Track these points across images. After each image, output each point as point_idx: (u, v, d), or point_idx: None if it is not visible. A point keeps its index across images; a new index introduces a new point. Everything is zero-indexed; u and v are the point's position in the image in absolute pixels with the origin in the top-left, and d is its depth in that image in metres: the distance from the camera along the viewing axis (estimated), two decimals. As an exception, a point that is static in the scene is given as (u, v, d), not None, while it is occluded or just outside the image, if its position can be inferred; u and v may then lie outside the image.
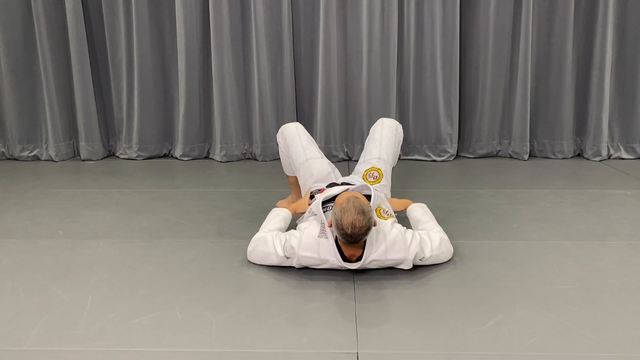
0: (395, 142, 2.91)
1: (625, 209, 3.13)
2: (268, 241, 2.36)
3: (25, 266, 2.46)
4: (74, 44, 4.23)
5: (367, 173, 2.76)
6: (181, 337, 1.89)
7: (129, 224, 2.98)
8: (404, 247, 2.27)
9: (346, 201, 2.16)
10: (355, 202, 2.15)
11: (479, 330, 1.91)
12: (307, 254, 2.27)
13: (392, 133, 2.91)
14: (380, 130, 2.91)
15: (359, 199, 2.18)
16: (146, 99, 4.37)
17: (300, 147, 2.81)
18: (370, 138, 2.94)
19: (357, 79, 4.28)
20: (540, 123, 4.35)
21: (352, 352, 1.80)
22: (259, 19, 4.15)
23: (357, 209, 2.12)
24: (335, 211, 2.17)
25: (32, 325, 1.97)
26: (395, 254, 2.27)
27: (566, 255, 2.52)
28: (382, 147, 2.84)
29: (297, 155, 2.81)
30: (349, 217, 2.10)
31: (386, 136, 2.88)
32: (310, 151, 2.82)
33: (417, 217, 2.61)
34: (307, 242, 2.28)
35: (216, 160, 4.42)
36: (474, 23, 4.23)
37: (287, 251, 2.30)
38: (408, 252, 2.27)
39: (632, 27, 4.13)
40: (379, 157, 2.81)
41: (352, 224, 2.10)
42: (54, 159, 4.44)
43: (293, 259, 2.30)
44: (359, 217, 2.11)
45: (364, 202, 2.19)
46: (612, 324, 1.94)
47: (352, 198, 2.18)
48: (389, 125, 2.93)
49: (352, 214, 2.10)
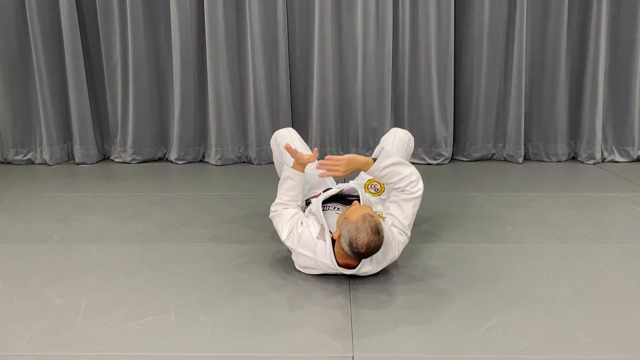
0: (405, 154, 2.85)
1: (619, 211, 3.15)
2: (282, 219, 2.40)
3: (18, 270, 2.45)
4: (69, 47, 4.22)
5: (370, 184, 2.70)
6: (176, 341, 1.88)
7: (124, 228, 2.97)
8: (393, 247, 2.29)
9: (362, 220, 2.09)
10: (371, 221, 2.09)
11: (474, 334, 1.91)
12: (304, 252, 2.29)
13: (403, 146, 2.84)
14: (392, 140, 2.83)
15: (374, 218, 2.12)
16: (141, 103, 4.37)
17: None
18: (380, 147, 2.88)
19: (352, 82, 4.29)
20: (535, 126, 4.37)
21: (347, 355, 1.80)
22: (254, 22, 4.15)
23: (373, 229, 2.07)
24: (350, 229, 2.09)
25: (26, 329, 1.96)
26: (387, 261, 2.31)
27: (561, 258, 2.53)
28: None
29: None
30: (365, 238, 2.06)
31: (397, 147, 2.80)
32: None
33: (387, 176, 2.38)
34: (305, 241, 2.29)
35: (211, 163, 4.41)
36: (469, 27, 4.24)
37: (288, 240, 2.35)
38: (397, 250, 2.30)
39: (625, 31, 4.15)
40: None
41: (368, 244, 2.07)
42: (48, 163, 4.42)
43: (293, 251, 2.36)
44: (374, 237, 2.07)
45: (378, 220, 2.14)
46: (607, 326, 1.95)
47: (368, 217, 2.10)
48: (401, 137, 2.86)
49: (369, 235, 2.06)
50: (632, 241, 2.71)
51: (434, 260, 2.51)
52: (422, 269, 2.41)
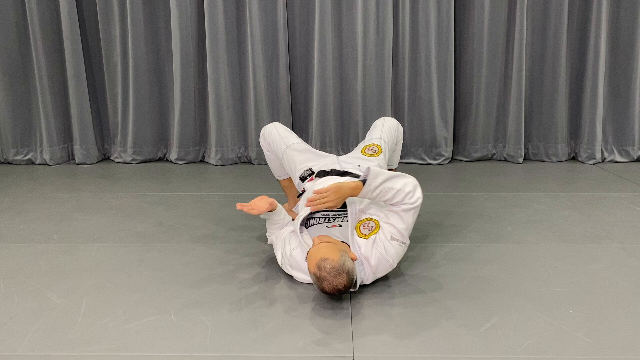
0: (394, 136, 2.88)
1: (619, 211, 3.15)
2: (276, 244, 2.42)
3: (19, 270, 2.45)
4: (69, 48, 4.22)
5: (367, 147, 2.72)
6: (176, 342, 1.88)
7: (124, 228, 2.97)
8: (388, 262, 2.19)
9: (318, 269, 1.97)
10: (327, 267, 1.95)
11: (474, 334, 1.91)
12: (297, 274, 2.29)
13: (393, 130, 2.89)
14: (382, 123, 2.90)
15: (331, 259, 1.96)
16: (141, 103, 4.37)
17: (279, 138, 2.78)
18: (370, 131, 2.93)
19: (352, 82, 4.29)
20: (535, 126, 4.37)
21: (347, 356, 1.80)
22: (254, 22, 4.15)
23: (333, 274, 1.95)
24: (312, 278, 2.03)
25: (26, 330, 1.96)
26: (382, 272, 2.22)
27: (561, 258, 2.53)
28: (383, 132, 2.84)
29: (278, 147, 2.78)
30: (329, 286, 1.97)
31: (388, 127, 2.87)
32: (289, 139, 2.78)
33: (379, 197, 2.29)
34: (295, 263, 2.28)
35: (211, 163, 4.41)
36: (469, 26, 4.24)
37: (282, 264, 2.34)
38: (394, 261, 2.21)
39: (625, 31, 4.15)
40: (380, 137, 2.80)
41: (335, 289, 1.98)
42: (48, 163, 4.42)
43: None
44: (339, 280, 1.96)
45: (336, 259, 1.97)
46: (607, 326, 1.95)
47: (323, 263, 1.96)
48: (390, 124, 2.92)
49: (332, 282, 1.96)
50: (632, 241, 2.71)
51: (434, 260, 2.51)
52: (422, 269, 2.41)
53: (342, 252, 2.04)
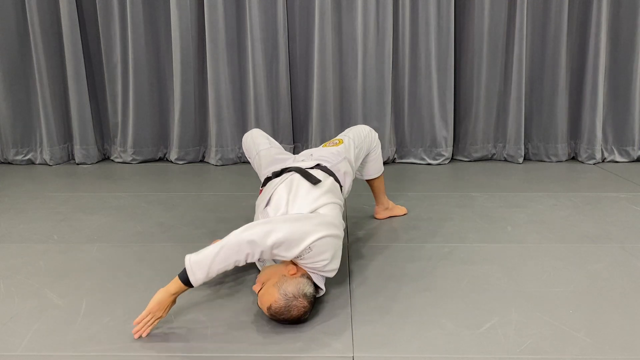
0: (363, 138, 2.72)
1: (619, 211, 3.15)
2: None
3: (19, 270, 2.45)
4: (69, 48, 4.22)
5: (329, 142, 2.65)
6: (176, 342, 1.88)
7: (124, 228, 2.97)
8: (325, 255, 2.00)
9: (273, 315, 1.90)
10: (276, 309, 1.87)
11: (474, 334, 1.91)
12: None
13: (363, 133, 2.73)
14: (352, 127, 2.80)
15: (272, 305, 1.88)
16: (141, 103, 4.37)
17: (252, 145, 2.74)
18: None
19: (352, 82, 4.29)
20: (535, 126, 4.37)
21: (347, 355, 1.80)
22: (254, 22, 4.15)
23: (285, 312, 1.88)
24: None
25: (26, 330, 1.96)
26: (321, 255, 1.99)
27: (561, 258, 2.53)
28: (350, 131, 2.74)
29: (251, 154, 2.74)
30: (293, 318, 1.90)
31: (358, 129, 2.74)
32: (260, 145, 2.70)
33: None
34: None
35: (211, 163, 4.42)
36: (469, 26, 4.24)
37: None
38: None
39: (625, 31, 4.15)
40: (345, 134, 2.71)
41: (300, 314, 1.90)
42: (48, 163, 4.42)
43: None
44: (293, 312, 1.89)
45: (275, 297, 1.87)
46: (607, 326, 1.95)
47: (270, 311, 1.88)
48: (361, 128, 2.77)
49: (290, 316, 1.89)
50: (632, 241, 2.71)
51: (434, 260, 2.51)
52: (422, 269, 2.41)
53: (277, 284, 1.90)
